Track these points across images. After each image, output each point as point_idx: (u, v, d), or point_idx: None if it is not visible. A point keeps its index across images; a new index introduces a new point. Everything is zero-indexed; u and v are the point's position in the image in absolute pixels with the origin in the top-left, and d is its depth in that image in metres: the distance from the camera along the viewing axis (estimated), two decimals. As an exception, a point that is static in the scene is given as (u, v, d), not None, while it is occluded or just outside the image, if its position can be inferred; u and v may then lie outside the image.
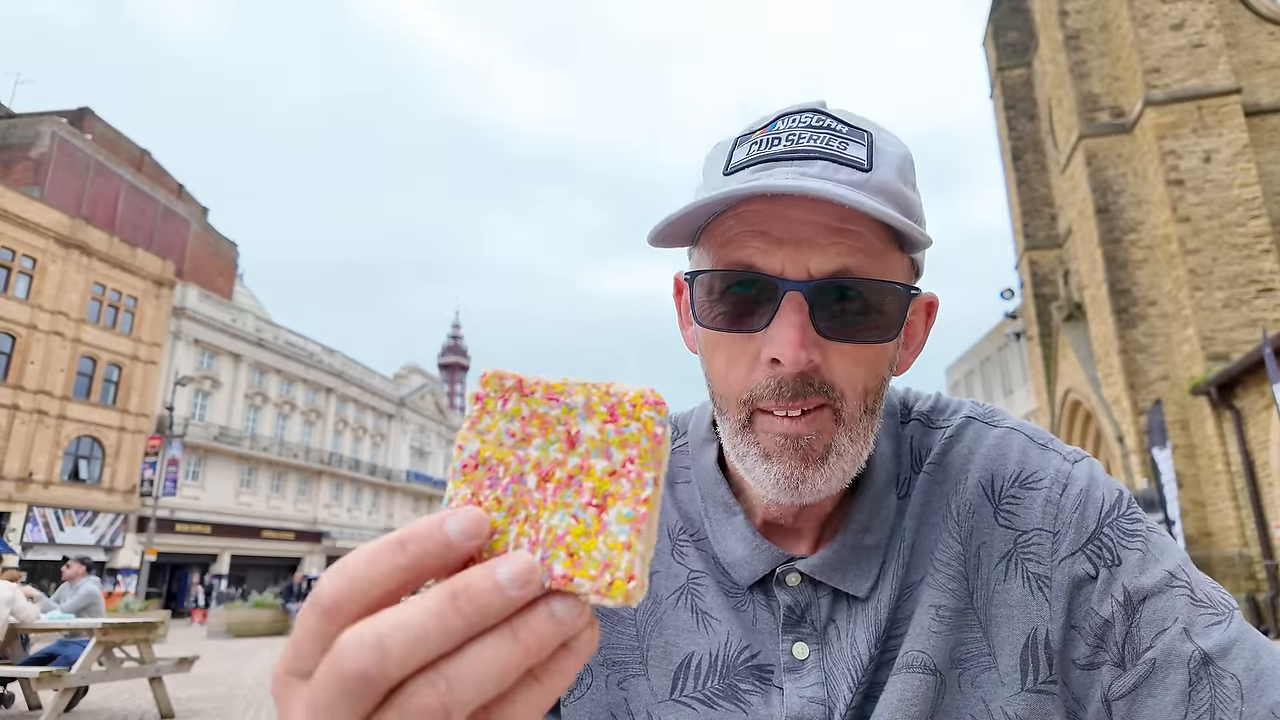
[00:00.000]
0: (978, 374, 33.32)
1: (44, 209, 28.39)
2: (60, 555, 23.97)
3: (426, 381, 59.54)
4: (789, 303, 0.61)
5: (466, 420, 0.35)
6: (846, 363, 0.62)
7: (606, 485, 0.32)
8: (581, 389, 0.34)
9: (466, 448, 0.34)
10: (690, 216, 0.63)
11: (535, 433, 0.33)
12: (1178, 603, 0.61)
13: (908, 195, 0.64)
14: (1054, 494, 0.67)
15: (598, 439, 0.33)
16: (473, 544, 0.30)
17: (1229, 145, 16.00)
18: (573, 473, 0.32)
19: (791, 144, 0.63)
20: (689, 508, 0.76)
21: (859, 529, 0.69)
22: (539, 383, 0.34)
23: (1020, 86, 24.38)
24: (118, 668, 7.45)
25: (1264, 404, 13.07)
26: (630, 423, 0.33)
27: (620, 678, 0.71)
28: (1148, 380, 16.37)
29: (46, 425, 27.86)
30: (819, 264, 0.61)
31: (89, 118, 35.76)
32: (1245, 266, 15.40)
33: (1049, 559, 0.65)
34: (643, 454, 0.32)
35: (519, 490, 0.33)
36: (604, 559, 0.30)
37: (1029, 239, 23.45)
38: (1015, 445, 0.71)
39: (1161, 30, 16.78)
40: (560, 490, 0.32)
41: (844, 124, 0.65)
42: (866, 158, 0.62)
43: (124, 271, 31.28)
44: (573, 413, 0.33)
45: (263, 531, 38.29)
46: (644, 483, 0.31)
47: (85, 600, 7.96)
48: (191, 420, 34.12)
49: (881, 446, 0.72)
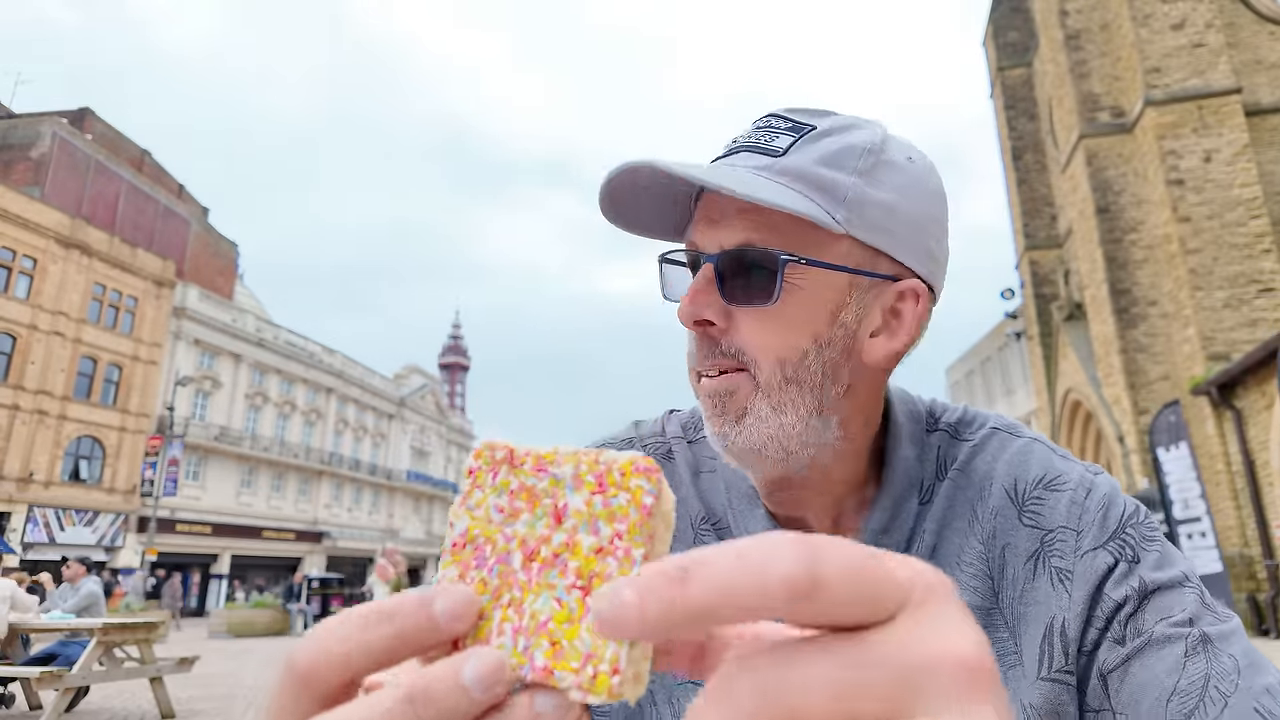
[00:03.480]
0: (978, 374, 33.31)
1: (44, 209, 28.41)
2: (60, 555, 23.97)
3: (427, 381, 59.55)
4: (701, 272, 0.68)
5: (459, 496, 0.33)
6: (753, 328, 0.67)
7: (593, 564, 0.29)
8: (571, 458, 0.31)
9: (457, 525, 0.32)
10: (669, 209, 0.72)
11: (523, 507, 0.31)
12: (1188, 598, 0.63)
13: (824, 175, 0.66)
14: (1079, 495, 0.70)
15: (585, 512, 0.30)
16: (459, 625, 0.29)
17: (1229, 145, 15.99)
18: (558, 550, 0.30)
19: (743, 141, 0.70)
20: (711, 498, 0.78)
21: (878, 529, 0.71)
22: (529, 453, 0.32)
23: (1020, 86, 24.38)
24: (118, 668, 7.46)
25: (1264, 404, 13.07)
26: (619, 493, 0.30)
27: None
28: (1148, 380, 16.37)
29: (47, 425, 27.88)
30: (728, 238, 0.68)
31: (89, 118, 35.78)
32: (1246, 266, 15.40)
33: (1072, 554, 0.67)
34: (631, 528, 0.29)
35: (504, 571, 0.31)
36: (587, 649, 0.28)
37: (1029, 239, 23.45)
38: (1038, 453, 0.74)
39: (1162, 30, 16.77)
40: (545, 570, 0.30)
41: (789, 120, 0.70)
42: (788, 146, 0.67)
43: (124, 272, 31.30)
44: (560, 484, 0.31)
45: (263, 532, 38.31)
46: (632, 561, 0.29)
47: (86, 600, 7.97)
48: (192, 420, 34.14)
49: (905, 451, 0.75)
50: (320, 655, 0.28)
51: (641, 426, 0.87)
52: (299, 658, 0.29)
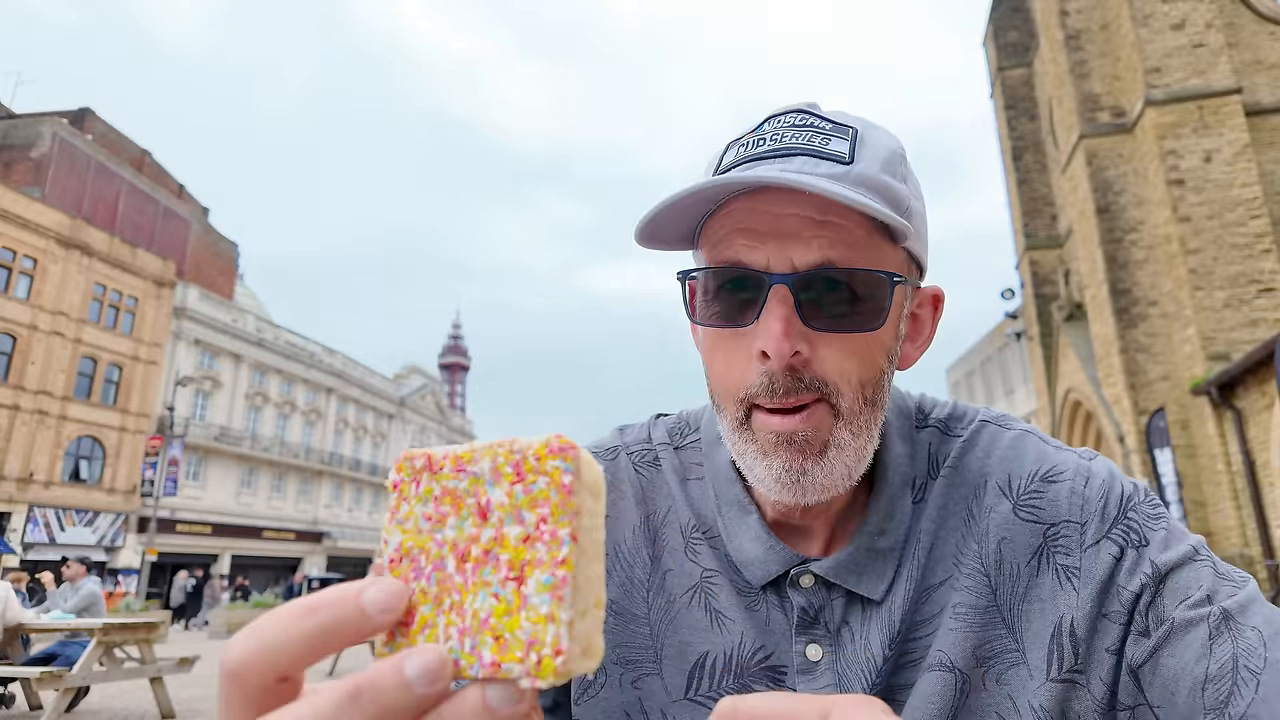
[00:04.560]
0: (978, 374, 33.30)
1: (44, 209, 28.40)
2: (60, 555, 23.96)
3: (427, 381, 59.56)
4: (774, 295, 0.61)
5: (388, 512, 0.33)
6: (836, 355, 0.62)
7: (523, 554, 0.30)
8: (487, 453, 0.32)
9: (390, 542, 0.32)
10: (679, 218, 0.65)
11: (449, 511, 0.32)
12: (1202, 573, 0.61)
13: (893, 187, 0.63)
14: (1077, 485, 0.68)
15: (507, 504, 0.31)
16: (388, 618, 0.29)
17: (1230, 145, 15.98)
18: (488, 547, 0.30)
19: (776, 143, 0.64)
20: (701, 505, 0.75)
21: (874, 531, 0.69)
22: (447, 456, 0.32)
23: (1020, 86, 24.36)
24: (118, 668, 7.46)
25: (1265, 404, 13.06)
26: (538, 478, 0.30)
27: (634, 676, 0.71)
28: (1148, 380, 16.36)
29: (47, 425, 27.87)
30: (802, 256, 0.61)
31: (90, 118, 35.77)
32: (1246, 266, 15.39)
33: (1077, 549, 0.66)
34: (554, 510, 0.30)
35: (441, 577, 0.31)
36: (529, 636, 0.28)
37: (1029, 239, 23.43)
38: (1031, 445, 0.72)
39: (1162, 30, 16.76)
40: (479, 569, 0.30)
41: (829, 121, 0.66)
42: (849, 151, 0.63)
43: (124, 272, 31.28)
44: (480, 481, 0.31)
45: (263, 532, 38.29)
46: (559, 542, 0.29)
47: (86, 600, 7.96)
48: (192, 420, 34.12)
49: (896, 449, 0.73)
50: (250, 652, 0.28)
51: (627, 433, 0.84)
52: (229, 655, 0.28)
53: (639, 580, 0.74)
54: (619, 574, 0.74)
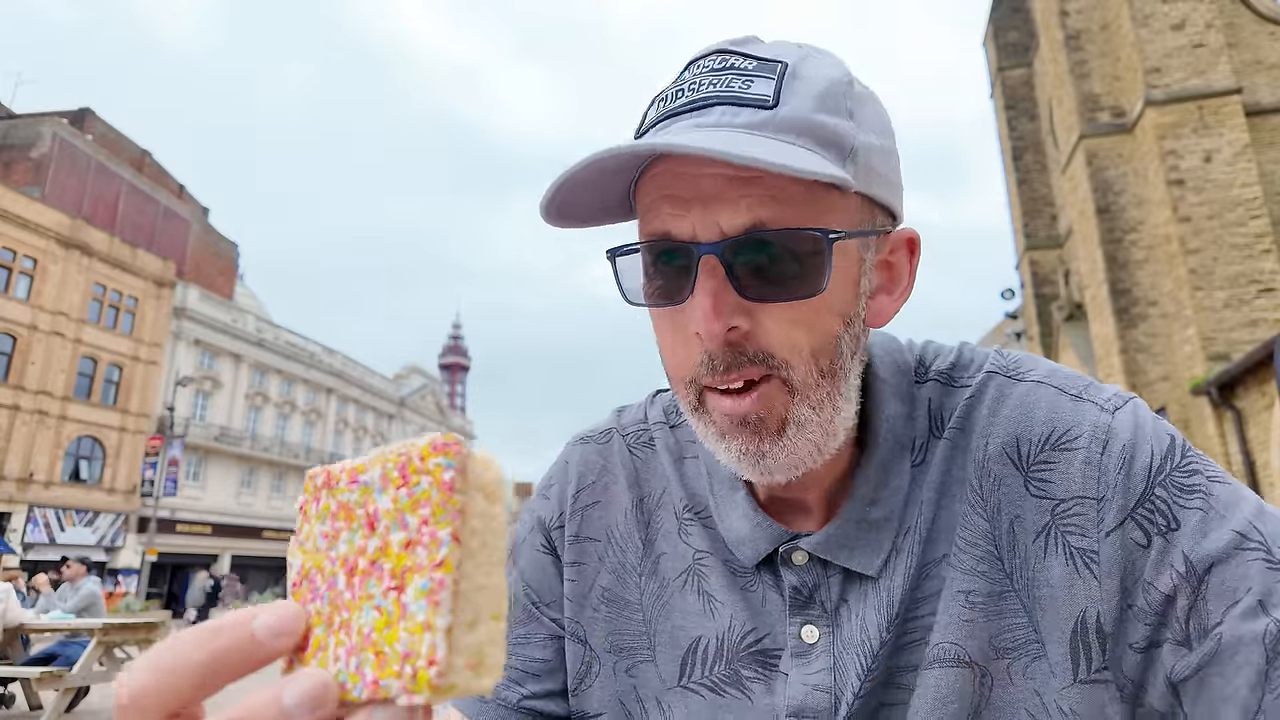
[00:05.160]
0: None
1: (44, 209, 28.39)
2: (60, 555, 23.96)
3: (427, 382, 59.57)
4: (703, 268, 0.55)
5: (293, 536, 0.32)
6: (780, 325, 0.56)
7: (404, 560, 0.28)
8: (378, 460, 0.30)
9: (294, 565, 0.31)
10: (593, 191, 0.59)
11: (342, 526, 0.30)
12: (1251, 569, 0.52)
13: (829, 125, 0.56)
14: (1093, 453, 0.59)
15: (393, 510, 0.29)
16: (281, 642, 0.28)
17: (1230, 145, 15.97)
18: (374, 558, 0.29)
19: (693, 93, 0.57)
20: (695, 484, 0.72)
21: (865, 501, 0.63)
22: (344, 469, 0.31)
23: (1021, 86, 24.36)
24: (118, 668, 7.45)
25: (1265, 404, 13.06)
26: (421, 478, 0.28)
27: (629, 664, 0.69)
28: (1149, 380, 16.36)
29: (47, 425, 27.86)
30: (730, 220, 0.55)
31: (90, 118, 35.76)
32: (1246, 266, 15.39)
33: (1094, 530, 0.57)
34: (435, 510, 0.28)
35: (333, 595, 0.29)
36: (405, 649, 0.26)
37: (1029, 239, 23.44)
38: (1043, 401, 0.62)
39: (1162, 30, 16.76)
40: (364, 581, 0.29)
41: (753, 59, 0.58)
42: (774, 93, 0.56)
43: (124, 272, 31.27)
44: (370, 490, 0.30)
45: (263, 532, 38.29)
46: (439, 544, 0.27)
47: (86, 600, 7.96)
48: (192, 421, 34.12)
49: (890, 409, 0.66)
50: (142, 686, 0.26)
51: (624, 414, 0.80)
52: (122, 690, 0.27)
53: (631, 566, 0.71)
54: (612, 559, 0.72)
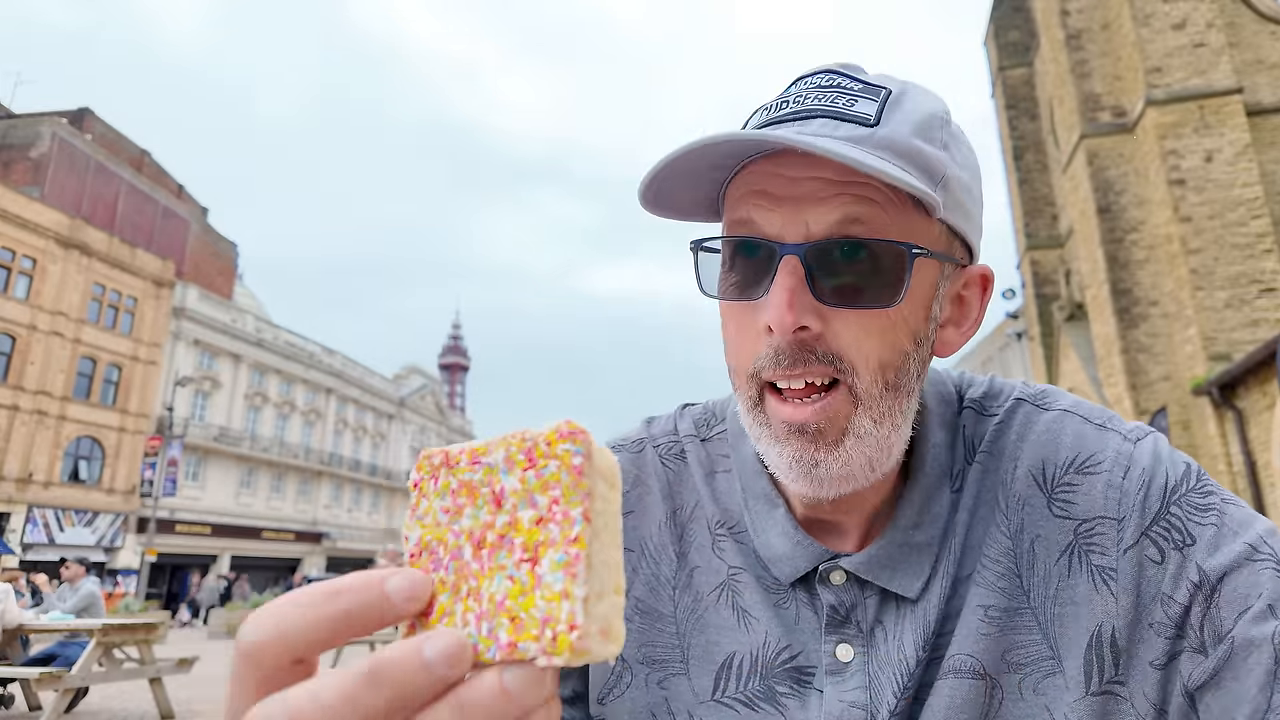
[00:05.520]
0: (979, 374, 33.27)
1: (44, 209, 28.37)
2: (60, 556, 23.94)
3: (426, 382, 59.54)
4: (784, 266, 0.57)
5: (408, 510, 0.34)
6: (852, 330, 0.58)
7: (536, 535, 0.30)
8: (501, 444, 0.32)
9: (411, 537, 0.33)
10: (691, 182, 0.61)
11: (465, 502, 0.32)
12: (1261, 577, 0.55)
13: (925, 152, 0.59)
14: (1115, 477, 0.62)
15: (520, 489, 0.31)
16: (411, 606, 0.29)
17: (1231, 145, 15.97)
18: (503, 532, 0.31)
19: (798, 105, 0.60)
20: (728, 500, 0.72)
21: (909, 525, 0.65)
22: (463, 451, 0.33)
23: (1021, 86, 24.36)
24: (118, 668, 7.44)
25: (1266, 404, 13.05)
26: (549, 462, 0.31)
27: (661, 676, 0.68)
28: (1149, 380, 16.35)
29: (46, 426, 27.84)
30: (817, 222, 0.58)
31: (89, 118, 35.75)
32: (1247, 266, 15.38)
33: (1114, 549, 0.60)
34: (566, 491, 0.30)
35: (459, 565, 0.31)
36: (543, 614, 0.28)
37: (1030, 239, 23.44)
38: (1069, 429, 0.66)
39: (1163, 30, 16.75)
40: (494, 553, 0.31)
41: (859, 81, 0.61)
42: (876, 114, 0.58)
43: (124, 272, 31.26)
44: (494, 470, 0.32)
45: (263, 532, 38.27)
46: (572, 521, 0.29)
47: (85, 601, 7.94)
48: (191, 421, 34.10)
49: (936, 437, 0.68)
50: (267, 632, 0.28)
51: (654, 425, 0.81)
52: (245, 636, 0.28)
53: (665, 578, 0.71)
54: (645, 571, 0.72)
